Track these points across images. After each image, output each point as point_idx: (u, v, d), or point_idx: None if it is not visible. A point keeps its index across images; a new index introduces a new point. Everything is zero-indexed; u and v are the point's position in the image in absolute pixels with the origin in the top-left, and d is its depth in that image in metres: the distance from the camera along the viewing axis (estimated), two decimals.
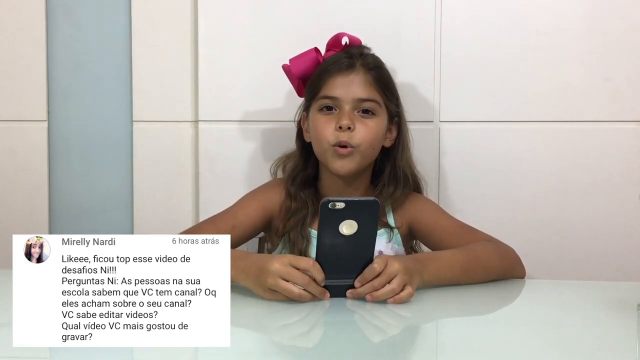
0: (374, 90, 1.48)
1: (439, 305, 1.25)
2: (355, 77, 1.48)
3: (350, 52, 1.52)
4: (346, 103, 1.47)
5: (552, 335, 1.09)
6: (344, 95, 1.47)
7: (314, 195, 1.53)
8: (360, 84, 1.48)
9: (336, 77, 1.48)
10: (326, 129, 1.47)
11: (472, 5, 1.74)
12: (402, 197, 1.52)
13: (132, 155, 1.84)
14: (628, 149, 1.71)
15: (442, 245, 1.47)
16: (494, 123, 1.75)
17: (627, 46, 1.71)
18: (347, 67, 1.48)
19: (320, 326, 1.16)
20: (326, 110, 1.48)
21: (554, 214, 1.74)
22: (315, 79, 1.52)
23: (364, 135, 1.46)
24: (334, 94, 1.48)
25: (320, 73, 1.51)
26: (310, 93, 1.52)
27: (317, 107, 1.50)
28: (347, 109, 1.46)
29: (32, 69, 1.84)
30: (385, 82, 1.51)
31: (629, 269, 1.72)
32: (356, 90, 1.47)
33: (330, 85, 1.48)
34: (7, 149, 1.86)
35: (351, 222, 1.18)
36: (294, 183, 1.53)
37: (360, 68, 1.48)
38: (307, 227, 1.50)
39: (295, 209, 1.51)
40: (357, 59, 1.49)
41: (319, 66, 1.53)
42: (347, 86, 1.47)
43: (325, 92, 1.48)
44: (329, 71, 1.49)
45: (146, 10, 1.81)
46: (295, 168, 1.56)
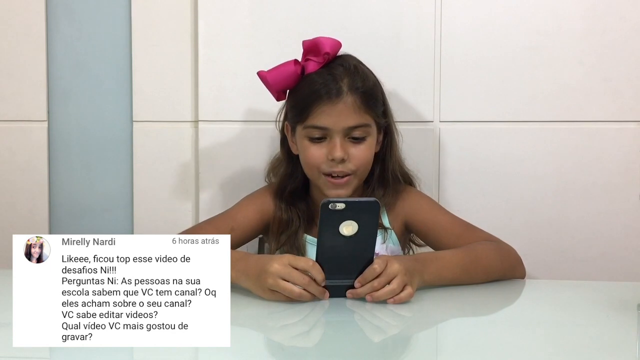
0: (364, 113, 1.42)
1: (439, 305, 1.25)
2: (344, 105, 1.40)
3: (333, 72, 1.43)
4: (336, 133, 1.41)
5: (552, 335, 1.09)
6: (334, 125, 1.41)
7: (305, 204, 1.51)
8: (350, 111, 1.41)
9: (323, 107, 1.41)
10: (317, 157, 1.43)
11: (472, 5, 1.74)
12: (394, 196, 1.51)
13: (132, 155, 1.84)
14: (628, 149, 1.71)
15: (441, 243, 1.47)
16: (494, 123, 1.75)
17: (627, 46, 1.71)
18: (334, 95, 1.40)
19: (320, 326, 1.16)
20: (315, 140, 1.43)
21: (554, 213, 1.74)
22: (300, 103, 1.44)
23: (359, 160, 1.43)
24: (322, 124, 1.41)
25: (306, 99, 1.43)
26: (295, 116, 1.46)
27: (305, 133, 1.44)
28: (338, 138, 1.41)
29: (32, 69, 1.85)
30: (373, 99, 1.45)
31: (629, 269, 1.72)
32: (346, 119, 1.41)
33: (317, 114, 1.41)
34: (7, 149, 1.86)
35: (351, 222, 1.18)
36: (283, 196, 1.51)
37: (348, 94, 1.41)
38: (301, 237, 1.49)
39: (286, 223, 1.50)
40: (342, 82, 1.41)
41: (302, 85, 1.45)
42: (337, 116, 1.40)
43: (313, 122, 1.42)
44: (315, 100, 1.41)
45: (146, 10, 1.81)
46: (282, 179, 1.53)
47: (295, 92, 1.47)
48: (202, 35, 1.80)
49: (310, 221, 1.51)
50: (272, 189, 1.56)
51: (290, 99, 1.50)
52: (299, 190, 1.53)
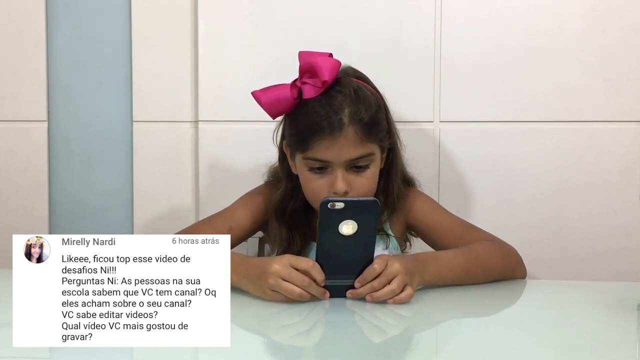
0: (367, 143, 1.37)
1: (439, 305, 1.25)
2: (345, 139, 1.34)
3: (333, 103, 1.35)
4: (338, 165, 1.36)
5: (552, 335, 1.09)
6: (336, 158, 1.36)
7: (307, 226, 1.47)
8: (351, 144, 1.35)
9: (324, 141, 1.34)
10: (319, 189, 1.38)
11: (472, 5, 1.74)
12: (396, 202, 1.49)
13: (132, 155, 1.84)
14: (628, 149, 1.71)
15: (442, 243, 1.46)
16: (494, 123, 1.75)
17: (627, 46, 1.71)
18: (336, 129, 1.34)
19: (320, 326, 1.16)
20: (317, 170, 1.38)
21: (554, 213, 1.74)
22: (300, 133, 1.38)
23: (362, 190, 1.38)
24: (324, 158, 1.36)
25: (306, 131, 1.37)
26: (295, 144, 1.41)
27: (305, 163, 1.39)
28: (339, 171, 1.36)
29: (32, 69, 1.85)
30: (376, 125, 1.39)
31: (629, 269, 1.72)
32: (348, 152, 1.35)
33: (318, 148, 1.35)
34: (7, 149, 1.86)
35: (351, 222, 1.18)
36: (284, 218, 1.47)
37: (350, 126, 1.34)
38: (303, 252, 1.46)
39: (287, 243, 1.46)
40: (342, 113, 1.35)
41: (300, 113, 1.38)
42: (338, 150, 1.35)
43: (314, 155, 1.37)
44: (316, 133, 1.35)
45: (146, 10, 1.81)
46: (282, 199, 1.48)
47: (294, 119, 1.41)
48: (202, 35, 1.80)
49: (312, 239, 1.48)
50: (275, 181, 1.52)
51: (288, 125, 1.44)
52: (300, 210, 1.48)
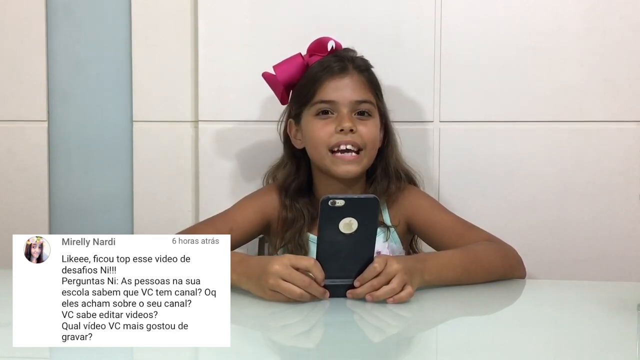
0: (368, 92, 1.50)
1: (439, 305, 1.25)
2: (350, 80, 1.49)
3: (339, 55, 1.52)
4: (343, 106, 1.47)
5: (552, 335, 1.09)
6: (341, 98, 1.48)
7: (309, 202, 1.52)
8: (355, 86, 1.49)
9: (330, 81, 1.48)
10: (325, 131, 1.47)
11: (472, 5, 1.74)
12: (396, 192, 1.53)
13: (132, 155, 1.84)
14: (628, 149, 1.71)
15: (442, 242, 1.47)
16: (493, 123, 1.75)
17: (627, 46, 1.71)
18: (340, 71, 1.49)
19: (320, 326, 1.16)
20: (322, 115, 1.49)
21: (554, 214, 1.74)
22: (306, 84, 1.51)
23: (366, 134, 1.47)
24: (330, 98, 1.48)
25: (312, 78, 1.50)
26: (301, 99, 1.52)
27: (312, 112, 1.50)
28: (345, 111, 1.47)
29: (32, 69, 1.85)
30: (376, 83, 1.53)
31: (629, 269, 1.72)
32: (352, 93, 1.48)
33: (325, 89, 1.48)
34: (7, 149, 1.86)
35: (351, 219, 1.18)
36: (288, 193, 1.53)
37: (353, 70, 1.50)
38: (305, 235, 1.50)
39: (291, 221, 1.51)
40: (348, 62, 1.50)
41: (307, 72, 1.53)
42: (343, 89, 1.48)
43: (320, 97, 1.48)
44: (322, 76, 1.49)
45: (146, 10, 1.81)
46: (287, 177, 1.55)
47: (302, 78, 1.53)
48: (202, 35, 1.80)
49: (314, 219, 1.51)
50: (276, 187, 1.56)
51: (295, 89, 1.55)
52: (304, 186, 1.54)
